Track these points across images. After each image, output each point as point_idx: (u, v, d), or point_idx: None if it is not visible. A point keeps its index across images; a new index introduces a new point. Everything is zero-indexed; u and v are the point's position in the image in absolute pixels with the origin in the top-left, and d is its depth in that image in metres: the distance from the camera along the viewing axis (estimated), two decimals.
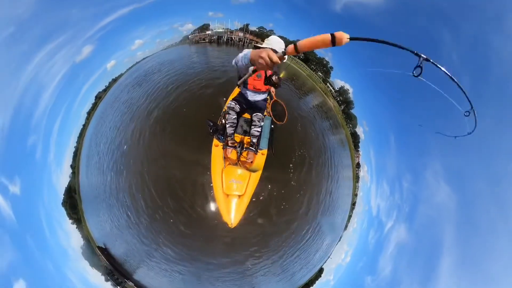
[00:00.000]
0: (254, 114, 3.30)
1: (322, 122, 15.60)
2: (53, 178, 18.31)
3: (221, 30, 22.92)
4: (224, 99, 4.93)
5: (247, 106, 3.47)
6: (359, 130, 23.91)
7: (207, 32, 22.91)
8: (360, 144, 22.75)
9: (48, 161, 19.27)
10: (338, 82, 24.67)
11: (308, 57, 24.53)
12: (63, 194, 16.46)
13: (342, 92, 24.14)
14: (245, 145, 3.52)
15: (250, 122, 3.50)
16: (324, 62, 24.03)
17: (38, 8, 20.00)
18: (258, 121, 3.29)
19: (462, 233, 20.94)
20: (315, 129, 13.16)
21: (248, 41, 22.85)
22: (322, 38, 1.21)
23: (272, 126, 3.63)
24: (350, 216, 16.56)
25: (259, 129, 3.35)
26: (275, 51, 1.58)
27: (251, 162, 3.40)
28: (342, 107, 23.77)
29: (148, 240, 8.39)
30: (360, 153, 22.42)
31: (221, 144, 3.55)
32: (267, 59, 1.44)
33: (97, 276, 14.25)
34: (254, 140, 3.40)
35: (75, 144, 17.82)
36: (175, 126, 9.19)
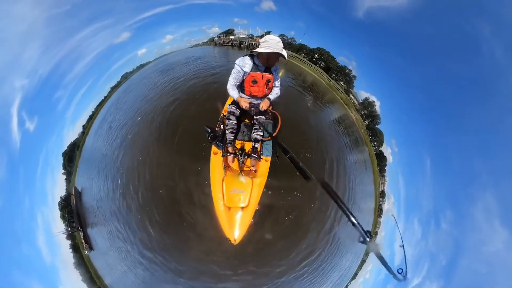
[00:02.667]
0: (257, 118, 3.01)
1: (342, 138, 13.05)
2: (64, 130, 21.08)
3: (243, 36, 24.68)
4: (220, 104, 4.77)
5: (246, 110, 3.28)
6: (387, 151, 19.55)
7: (231, 37, 24.74)
8: (386, 168, 18.32)
9: (66, 115, 22.59)
10: (362, 94, 21.80)
11: (329, 66, 22.25)
12: (67, 146, 18.36)
13: (367, 104, 21.12)
14: (247, 152, 3.30)
15: (251, 127, 3.31)
16: (347, 71, 21.47)
17: None
18: (261, 125, 3.06)
19: None
20: (331, 145, 10.81)
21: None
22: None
23: (275, 129, 3.35)
24: (363, 261, 12.65)
25: (261, 133, 3.13)
26: (279, 55, 2.59)
27: (255, 171, 3.27)
28: (367, 121, 20.67)
29: (123, 225, 7.77)
30: (386, 179, 17.97)
31: (220, 151, 3.36)
32: (244, 105, 2.82)
33: (59, 224, 15.38)
34: (256, 146, 3.23)
35: (93, 110, 20.17)
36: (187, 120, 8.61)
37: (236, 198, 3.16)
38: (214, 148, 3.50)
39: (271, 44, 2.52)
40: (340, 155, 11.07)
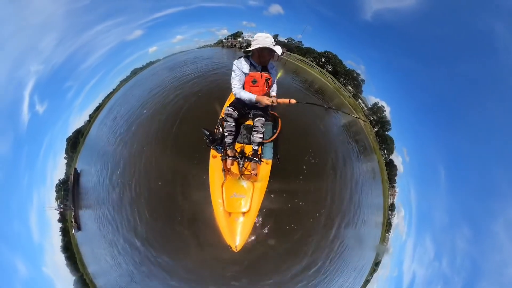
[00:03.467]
0: (257, 119, 2.87)
1: (349, 145, 12.22)
2: (71, 117, 21.95)
3: (250, 39, 24.87)
4: (219, 106, 4.63)
5: (245, 111, 3.12)
6: (398, 160, 18.08)
7: (238, 39, 25.13)
8: (397, 179, 16.78)
9: (74, 103, 23.85)
10: (371, 99, 20.80)
11: (337, 69, 21.47)
12: (72, 132, 18.96)
13: (376, 110, 20.11)
14: (247, 155, 3.20)
15: (251, 129, 3.09)
16: (355, 75, 20.61)
17: None
18: (261, 127, 2.88)
19: None
20: (337, 151, 10.08)
21: (283, 51, 22.90)
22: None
23: (275, 131, 3.21)
24: (367, 281, 11.41)
25: (261, 135, 2.93)
26: (268, 49, 2.56)
27: (256, 174, 3.17)
28: (376, 128, 19.62)
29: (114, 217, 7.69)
30: (397, 190, 16.42)
31: (220, 155, 3.24)
32: (268, 102, 2.64)
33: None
34: (256, 148, 3.05)
35: (100, 101, 20.70)
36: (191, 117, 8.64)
37: (236, 203, 3.08)
38: (213, 152, 3.40)
39: (259, 40, 2.56)
40: (347, 163, 10.28)
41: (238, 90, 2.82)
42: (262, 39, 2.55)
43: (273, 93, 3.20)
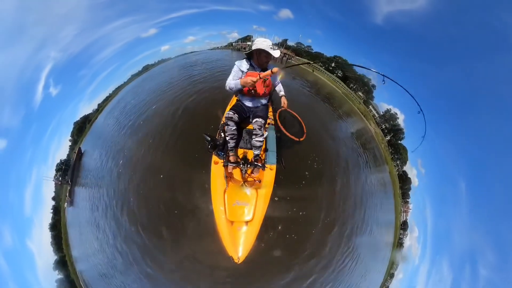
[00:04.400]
0: (254, 121, 2.90)
1: (358, 153, 11.21)
2: (80, 104, 23.11)
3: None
4: (220, 110, 4.73)
5: (246, 115, 3.23)
6: (412, 173, 16.35)
7: (248, 43, 25.72)
8: (411, 193, 14.98)
9: (86, 92, 24.95)
10: (383, 106, 19.58)
11: (347, 75, 20.53)
12: (80, 118, 19.85)
13: (388, 117, 18.84)
14: (250, 161, 3.11)
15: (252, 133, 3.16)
16: (365, 80, 19.54)
17: None
18: (259, 129, 2.88)
19: None
20: (345, 160, 9.23)
21: (282, 54, 24.16)
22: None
23: (279, 134, 3.30)
24: None
25: (261, 139, 2.95)
26: (268, 54, 2.83)
27: (259, 181, 3.07)
28: (388, 137, 18.31)
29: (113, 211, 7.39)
30: (410, 206, 14.67)
31: (221, 161, 3.15)
32: (250, 82, 2.67)
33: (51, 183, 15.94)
34: (257, 152, 3.06)
35: (111, 92, 21.74)
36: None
37: (239, 211, 2.96)
38: (214, 157, 3.32)
39: (257, 44, 2.78)
40: (354, 173, 9.33)
41: (228, 82, 2.95)
42: (260, 43, 2.78)
43: (282, 93, 3.42)
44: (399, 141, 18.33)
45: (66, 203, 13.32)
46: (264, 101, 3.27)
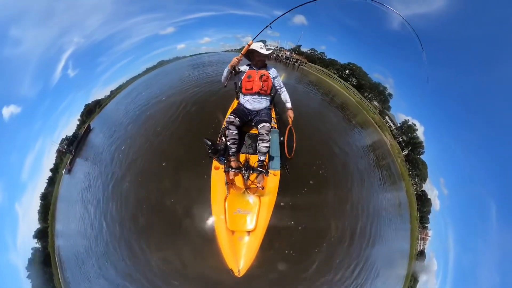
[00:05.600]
0: (261, 126, 2.89)
1: (371, 167, 10.12)
2: (94, 89, 24.79)
3: (272, 47, 27.00)
4: (221, 114, 4.62)
5: (248, 118, 3.21)
6: (433, 193, 14.17)
7: (269, 46, 27.66)
8: (430, 218, 12.83)
9: (101, 78, 27.32)
10: (401, 117, 18.09)
11: (361, 83, 19.39)
12: (92, 101, 21.08)
13: (406, 129, 17.30)
14: (253, 166, 3.01)
15: (256, 138, 3.05)
16: (381, 88, 18.26)
17: None
18: (267, 134, 2.85)
19: None
20: (354, 174, 8.30)
21: (294, 60, 23.88)
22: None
23: (282, 138, 3.13)
24: None
25: (267, 144, 2.88)
26: (257, 53, 3.07)
27: (262, 188, 2.91)
28: (406, 151, 16.77)
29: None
30: (429, 233, 12.49)
31: (222, 166, 3.05)
32: (235, 59, 2.92)
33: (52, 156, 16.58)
34: (262, 159, 2.95)
35: (124, 81, 23.06)
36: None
37: (241, 220, 2.82)
38: (215, 163, 3.21)
39: (255, 46, 3.05)
40: (364, 190, 8.31)
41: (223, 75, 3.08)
42: (257, 46, 3.03)
43: (288, 104, 3.37)
44: (418, 156, 16.76)
45: (64, 170, 13.79)
46: (266, 103, 3.25)
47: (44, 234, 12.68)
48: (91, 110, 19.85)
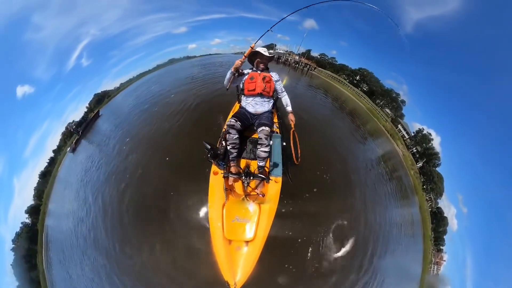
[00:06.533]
0: (260, 129, 2.85)
1: (380, 179, 9.34)
2: (104, 80, 26.00)
3: (282, 52, 26.30)
4: (222, 117, 4.47)
5: (249, 122, 3.14)
6: (450, 212, 12.85)
7: (270, 51, 29.22)
8: (446, 239, 11.46)
9: (112, 71, 28.32)
10: (415, 126, 16.95)
11: (373, 89, 18.51)
12: (101, 91, 21.86)
13: (420, 139, 16.10)
14: (253, 173, 2.92)
15: (257, 143, 3.00)
16: (393, 95, 17.29)
17: None
18: (266, 138, 2.81)
19: None
20: (361, 186, 7.69)
21: (303, 64, 23.80)
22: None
23: (284, 144, 3.08)
24: None
25: (266, 149, 2.84)
26: (261, 54, 3.25)
27: (263, 195, 2.80)
28: (420, 163, 15.56)
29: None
30: (444, 257, 11.19)
31: (222, 171, 2.93)
32: (238, 62, 2.95)
33: (56, 138, 17.35)
34: (261, 164, 2.89)
35: (135, 76, 23.97)
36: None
37: (239, 229, 2.67)
38: (214, 168, 3.03)
39: (259, 49, 3.27)
40: (371, 206, 7.58)
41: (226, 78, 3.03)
42: (258, 48, 3.27)
43: (289, 108, 3.35)
44: (434, 168, 15.50)
45: (69, 148, 14.15)
46: (268, 106, 3.23)
47: (36, 210, 13.04)
48: (99, 100, 20.67)
